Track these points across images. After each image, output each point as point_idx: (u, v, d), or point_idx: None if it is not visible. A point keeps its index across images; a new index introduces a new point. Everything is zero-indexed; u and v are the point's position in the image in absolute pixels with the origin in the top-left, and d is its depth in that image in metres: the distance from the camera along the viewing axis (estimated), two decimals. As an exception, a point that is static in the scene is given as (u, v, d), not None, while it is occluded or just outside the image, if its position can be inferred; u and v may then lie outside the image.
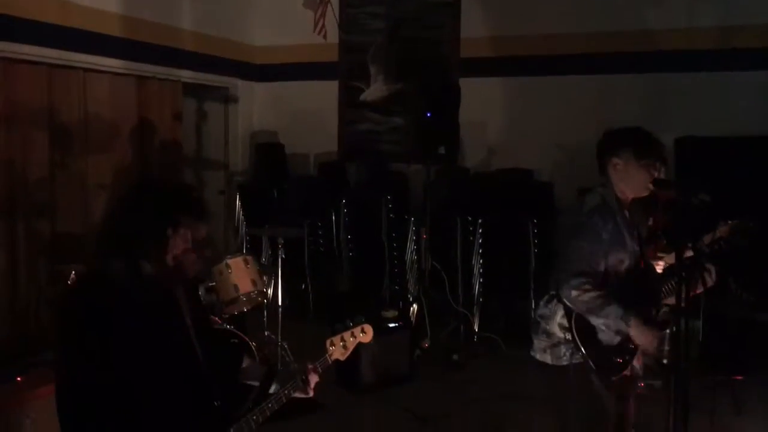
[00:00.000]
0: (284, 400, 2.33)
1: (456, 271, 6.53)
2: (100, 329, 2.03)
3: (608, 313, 2.83)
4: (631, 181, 3.00)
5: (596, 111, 6.39)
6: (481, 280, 6.37)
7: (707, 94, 6.42)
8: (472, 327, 6.30)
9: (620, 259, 2.97)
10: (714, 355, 4.79)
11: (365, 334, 2.58)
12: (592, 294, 2.83)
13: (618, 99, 6.64)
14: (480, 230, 6.37)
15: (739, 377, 4.67)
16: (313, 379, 2.41)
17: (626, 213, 3.02)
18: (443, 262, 6.41)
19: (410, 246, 6.77)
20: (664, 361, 3.60)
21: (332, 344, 2.52)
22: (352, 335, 2.55)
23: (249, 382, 2.46)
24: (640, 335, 2.87)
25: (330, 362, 2.50)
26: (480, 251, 6.36)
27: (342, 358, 2.54)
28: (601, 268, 2.93)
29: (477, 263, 6.38)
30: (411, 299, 6.55)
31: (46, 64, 5.69)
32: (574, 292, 2.86)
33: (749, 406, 4.68)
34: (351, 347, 2.55)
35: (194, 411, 2.22)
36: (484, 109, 7.28)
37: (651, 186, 2.94)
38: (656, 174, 2.99)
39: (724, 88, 6.40)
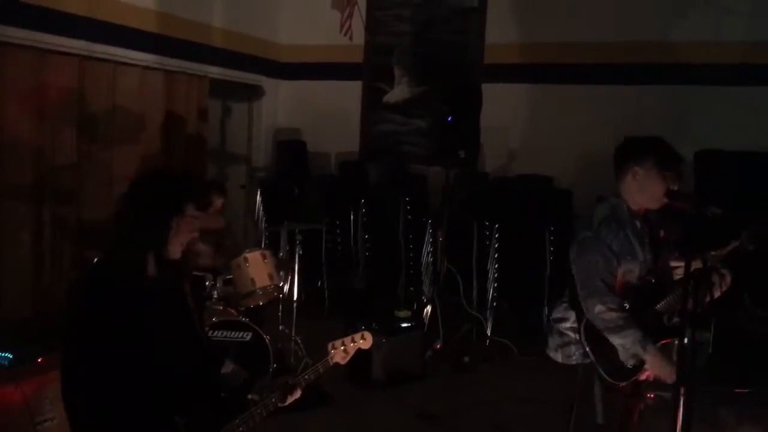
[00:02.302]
0: (271, 409, 2.41)
1: (471, 274, 6.57)
2: (107, 319, 2.10)
3: (627, 335, 2.86)
4: (648, 191, 3.01)
5: (618, 121, 6.39)
6: (495, 284, 6.41)
7: (729, 108, 6.39)
8: (485, 331, 6.34)
9: (630, 269, 3.00)
10: (723, 368, 4.78)
11: (365, 341, 2.70)
12: (615, 315, 2.87)
13: (640, 110, 6.64)
14: (496, 235, 6.41)
15: (745, 390, 4.66)
16: (292, 395, 2.46)
17: (637, 223, 3.04)
18: (459, 265, 6.46)
19: (426, 248, 6.83)
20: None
21: (333, 348, 2.64)
22: (353, 340, 2.66)
23: (230, 386, 2.54)
24: (656, 365, 2.89)
25: (330, 364, 2.61)
26: (496, 256, 6.40)
27: (342, 362, 2.66)
28: (617, 278, 2.96)
29: (492, 267, 6.42)
30: (425, 300, 6.60)
31: (77, 56, 5.82)
32: (598, 308, 2.89)
33: (753, 419, 4.67)
34: (351, 352, 2.67)
35: (202, 401, 2.30)
36: (506, 114, 7.32)
37: (665, 198, 2.97)
38: (672, 186, 3.03)
39: (746, 103, 6.37)
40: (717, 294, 2.82)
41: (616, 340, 2.89)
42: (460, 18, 7.71)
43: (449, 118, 6.16)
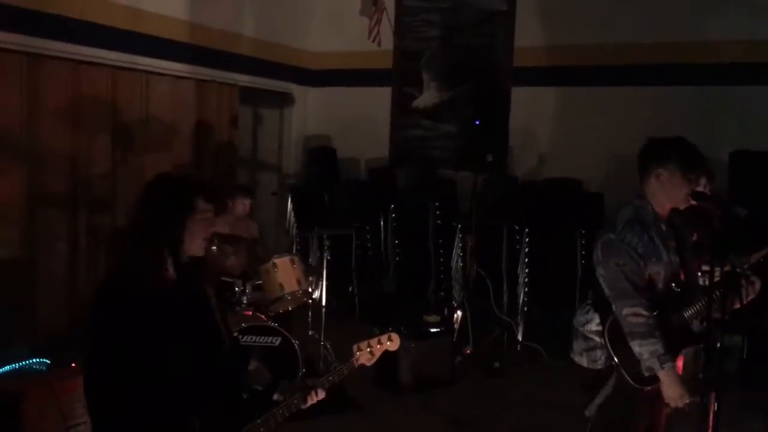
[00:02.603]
0: (294, 410, 2.40)
1: (501, 278, 6.53)
2: (124, 325, 2.13)
3: (647, 345, 2.81)
4: (673, 193, 2.97)
5: (649, 122, 6.26)
6: (526, 288, 6.35)
7: (763, 108, 6.26)
8: (515, 335, 6.29)
9: (656, 272, 2.95)
10: (755, 373, 4.68)
11: (392, 342, 2.64)
12: (642, 320, 2.82)
13: (672, 111, 6.53)
14: (527, 239, 6.35)
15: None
16: (315, 397, 2.45)
17: (662, 226, 3.00)
18: (489, 269, 6.43)
19: (456, 252, 6.80)
20: (700, 376, 3.56)
21: (359, 349, 2.59)
22: (379, 342, 2.62)
23: (254, 386, 2.55)
24: (669, 385, 2.83)
25: (356, 366, 2.57)
26: (526, 260, 6.34)
27: (368, 364, 2.61)
28: (644, 281, 2.92)
29: (522, 272, 6.37)
30: (455, 305, 6.58)
31: (110, 66, 5.95)
32: (626, 310, 2.85)
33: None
34: (377, 353, 2.62)
35: (223, 402, 2.33)
36: (535, 117, 7.28)
37: (691, 199, 2.93)
38: (697, 187, 2.99)
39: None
40: (745, 301, 2.76)
41: (635, 347, 2.84)
42: (488, 22, 7.70)
43: (476, 122, 6.14)
